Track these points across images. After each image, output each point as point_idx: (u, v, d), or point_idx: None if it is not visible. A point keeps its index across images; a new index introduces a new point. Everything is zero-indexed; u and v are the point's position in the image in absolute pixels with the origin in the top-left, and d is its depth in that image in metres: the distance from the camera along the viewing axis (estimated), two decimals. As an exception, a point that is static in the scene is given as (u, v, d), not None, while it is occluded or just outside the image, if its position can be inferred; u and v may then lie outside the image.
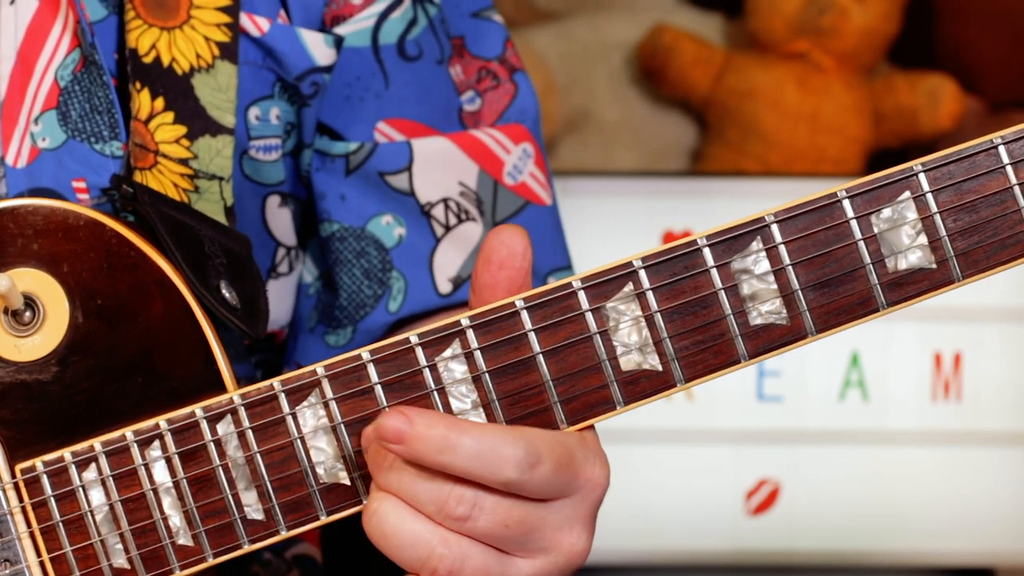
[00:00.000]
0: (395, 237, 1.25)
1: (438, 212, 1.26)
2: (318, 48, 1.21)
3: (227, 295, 1.07)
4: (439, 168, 1.26)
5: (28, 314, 1.03)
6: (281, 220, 1.27)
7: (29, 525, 1.02)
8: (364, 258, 1.25)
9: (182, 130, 1.14)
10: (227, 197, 1.16)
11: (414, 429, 0.93)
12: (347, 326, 1.26)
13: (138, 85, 1.13)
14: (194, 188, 1.14)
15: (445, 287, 1.25)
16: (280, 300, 1.28)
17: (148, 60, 1.13)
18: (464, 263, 1.26)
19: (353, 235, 1.25)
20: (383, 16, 1.24)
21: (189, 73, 1.14)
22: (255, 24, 1.19)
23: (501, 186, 1.28)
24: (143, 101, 1.13)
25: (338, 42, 1.22)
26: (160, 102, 1.13)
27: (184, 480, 1.01)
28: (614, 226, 2.46)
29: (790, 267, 0.97)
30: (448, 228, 1.26)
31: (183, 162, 1.13)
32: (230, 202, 1.16)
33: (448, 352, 0.99)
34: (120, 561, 1.02)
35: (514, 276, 0.98)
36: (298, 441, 1.00)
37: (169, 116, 1.13)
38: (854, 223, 0.97)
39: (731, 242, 0.98)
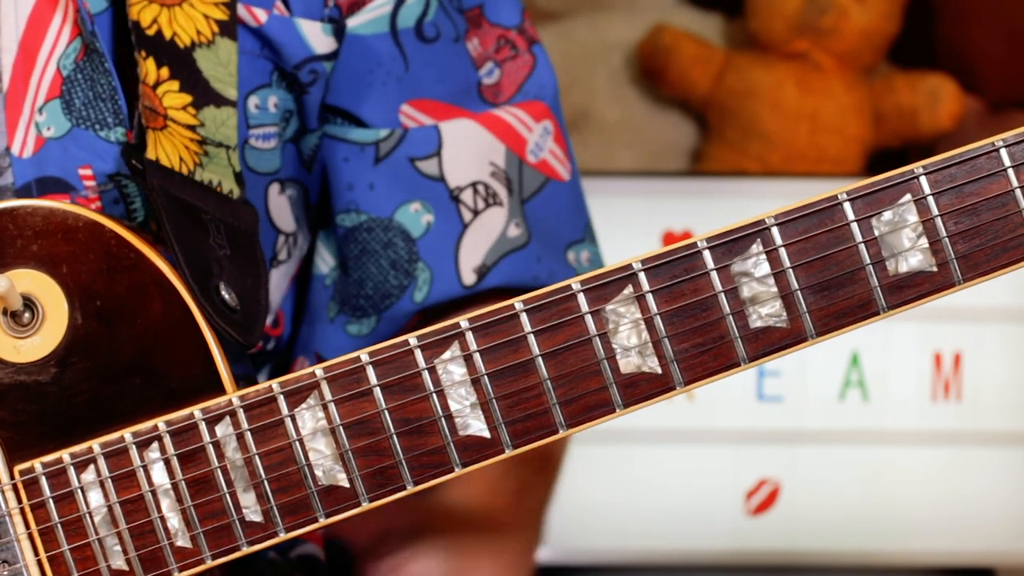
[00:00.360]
0: (423, 225, 1.26)
1: (467, 197, 1.27)
2: (316, 37, 1.22)
3: (226, 297, 1.08)
4: (469, 151, 1.27)
5: (27, 315, 1.03)
6: (282, 208, 1.27)
7: (28, 526, 1.02)
8: (391, 249, 1.26)
9: (188, 98, 1.15)
10: (235, 164, 1.17)
11: None
12: (371, 315, 1.27)
13: (143, 54, 1.13)
14: (204, 152, 1.14)
15: (469, 278, 1.26)
16: (277, 288, 1.29)
17: (151, 33, 1.14)
18: (488, 251, 1.27)
19: (381, 226, 1.27)
20: (400, 2, 1.26)
21: (191, 47, 1.15)
22: (252, 15, 1.20)
23: (525, 164, 1.29)
24: (149, 68, 1.13)
25: (338, 31, 1.23)
26: (165, 71, 1.14)
27: (183, 482, 1.01)
28: (614, 226, 2.45)
29: (790, 270, 0.97)
30: (476, 213, 1.27)
31: (191, 128, 1.14)
32: (238, 168, 1.17)
33: (447, 354, 0.99)
34: (119, 562, 1.02)
35: None
36: (296, 443, 1.00)
37: (175, 84, 1.14)
38: (855, 226, 0.97)
39: (731, 244, 0.98)
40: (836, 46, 2.69)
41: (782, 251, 0.97)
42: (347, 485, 1.00)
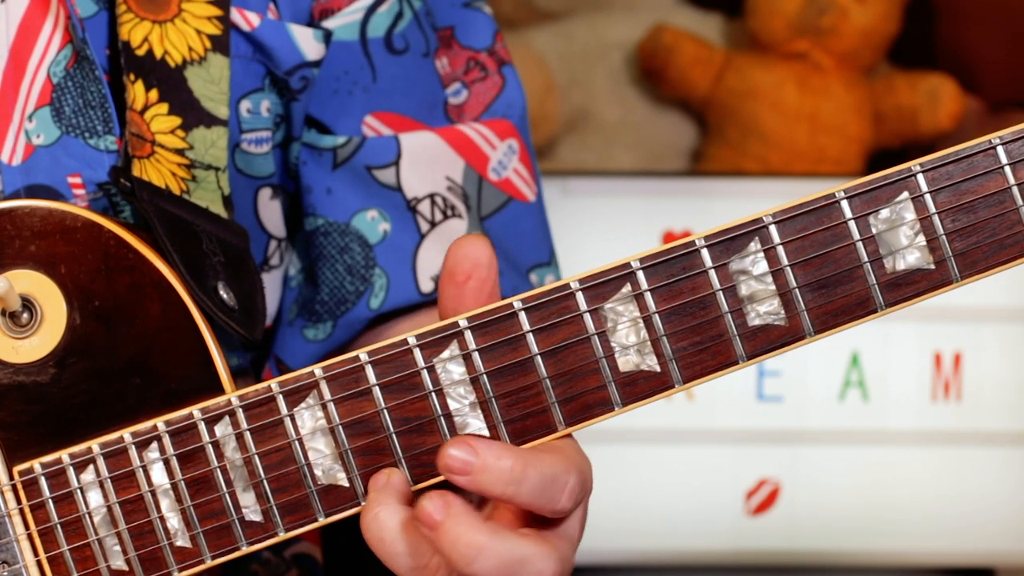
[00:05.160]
0: (380, 233, 1.26)
1: (424, 208, 1.26)
2: (307, 43, 1.21)
3: (225, 296, 1.08)
4: (426, 163, 1.26)
5: (25, 316, 1.03)
6: (272, 213, 1.27)
7: (27, 527, 1.02)
8: (347, 254, 1.26)
9: (177, 121, 1.14)
10: (224, 187, 1.16)
11: (481, 460, 0.94)
12: (327, 320, 1.27)
13: (132, 76, 1.13)
14: (192, 177, 1.14)
15: (427, 286, 1.26)
16: (271, 292, 1.29)
17: (141, 52, 1.14)
18: None
19: (337, 230, 1.26)
20: (371, 10, 1.25)
21: (182, 65, 1.15)
22: (245, 19, 1.19)
23: (485, 182, 1.28)
24: (137, 92, 1.13)
25: (327, 37, 1.22)
26: (154, 93, 1.14)
27: (182, 482, 1.01)
28: (614, 226, 2.46)
29: (788, 268, 0.97)
30: (433, 224, 1.26)
31: (179, 152, 1.14)
32: (227, 191, 1.17)
33: (446, 353, 0.99)
34: (118, 563, 1.02)
35: (480, 288, 0.99)
36: (296, 443, 1.00)
37: (164, 107, 1.14)
38: (852, 224, 0.97)
39: (729, 243, 0.98)
40: (836, 46, 2.69)
41: (780, 249, 0.97)
42: (347, 484, 1.00)
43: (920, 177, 0.96)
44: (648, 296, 0.98)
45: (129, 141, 1.12)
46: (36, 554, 1.02)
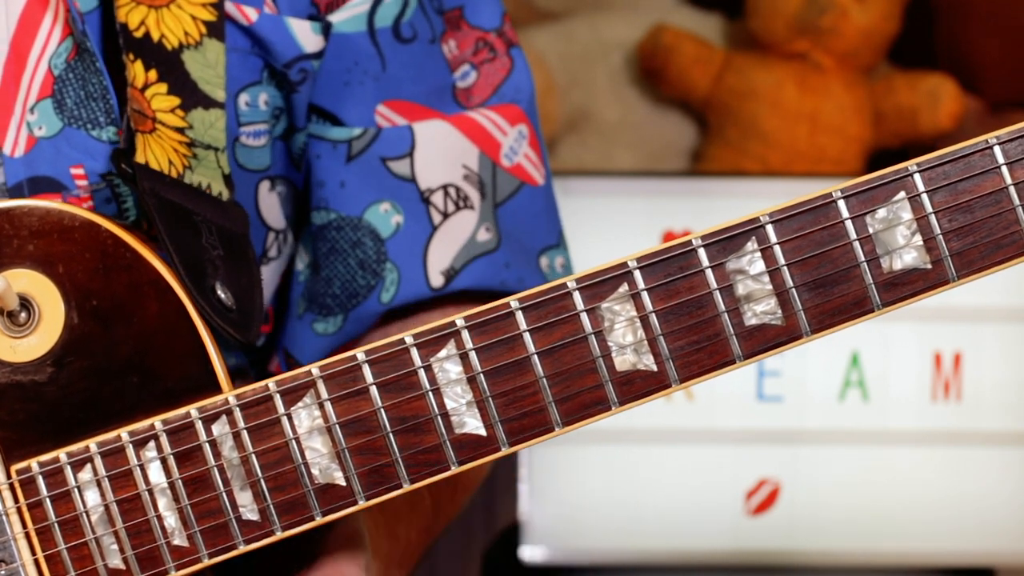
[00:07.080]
0: (392, 226, 1.26)
1: (437, 199, 1.27)
2: (306, 36, 1.22)
3: (222, 296, 1.08)
4: (442, 152, 1.27)
5: (23, 315, 1.03)
6: (271, 204, 1.28)
7: (25, 526, 1.02)
8: (359, 248, 1.26)
9: (176, 101, 1.15)
10: (224, 166, 1.17)
11: None
12: (338, 314, 1.27)
13: (131, 56, 1.14)
14: (193, 155, 1.15)
15: (437, 280, 1.26)
16: (267, 285, 1.29)
17: (139, 35, 1.14)
18: (457, 255, 1.27)
19: (350, 225, 1.26)
20: (378, 0, 1.26)
21: (178, 49, 1.16)
22: (243, 14, 1.20)
23: (499, 168, 1.29)
24: (137, 71, 1.14)
25: (326, 29, 1.23)
26: (153, 73, 1.14)
27: (179, 481, 1.01)
28: (614, 226, 2.46)
29: (785, 267, 0.97)
30: (446, 215, 1.27)
31: (179, 131, 1.14)
32: (227, 170, 1.17)
33: (443, 353, 0.99)
34: (115, 561, 1.02)
35: None
36: (293, 442, 1.00)
37: (163, 87, 1.14)
38: (849, 223, 0.97)
39: (726, 242, 0.98)
40: (836, 46, 2.69)
41: (777, 249, 0.97)
42: (344, 483, 1.01)
43: (917, 177, 0.97)
44: (645, 295, 0.98)
45: (131, 117, 1.13)
46: (34, 553, 1.03)
